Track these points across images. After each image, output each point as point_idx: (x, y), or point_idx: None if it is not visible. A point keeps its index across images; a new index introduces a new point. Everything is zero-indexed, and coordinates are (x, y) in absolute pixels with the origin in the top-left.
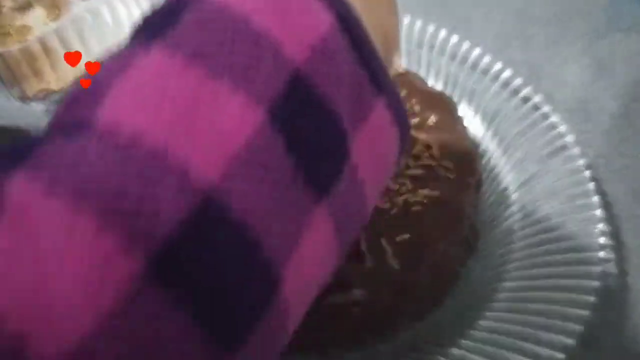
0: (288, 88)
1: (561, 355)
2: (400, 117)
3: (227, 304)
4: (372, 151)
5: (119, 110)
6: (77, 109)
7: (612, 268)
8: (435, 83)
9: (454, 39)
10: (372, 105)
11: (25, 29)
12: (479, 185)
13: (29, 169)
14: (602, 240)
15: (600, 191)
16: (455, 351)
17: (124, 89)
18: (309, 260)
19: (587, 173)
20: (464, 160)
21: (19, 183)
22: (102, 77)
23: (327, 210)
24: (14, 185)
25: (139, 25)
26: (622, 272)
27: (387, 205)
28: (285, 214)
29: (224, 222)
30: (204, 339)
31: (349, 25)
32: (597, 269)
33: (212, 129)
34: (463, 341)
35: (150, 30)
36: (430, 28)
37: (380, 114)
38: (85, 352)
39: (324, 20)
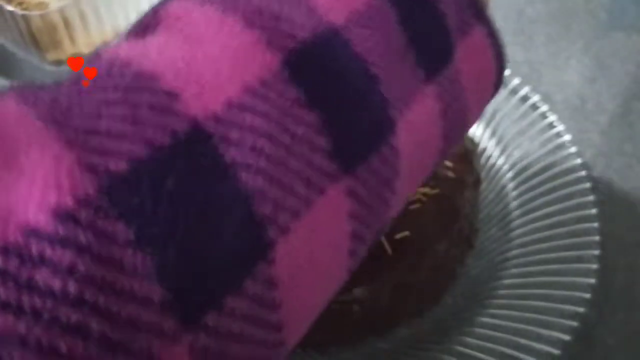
0: None
1: (557, 351)
2: (499, 49)
3: (349, 120)
4: (471, 66)
5: None
6: None
7: (607, 265)
8: None
9: None
10: (472, 25)
11: (42, 5)
12: (477, 183)
13: None
14: (598, 238)
15: (598, 190)
16: (453, 347)
17: None
18: (418, 127)
19: (584, 172)
20: (463, 159)
21: (173, 3)
22: None
23: (435, 91)
24: (170, 5)
25: None
26: (618, 269)
27: None
28: (400, 74)
29: (347, 51)
30: (328, 149)
31: None
32: (593, 266)
33: None
34: (461, 338)
35: None
36: None
37: (479, 37)
38: (224, 117)
39: None
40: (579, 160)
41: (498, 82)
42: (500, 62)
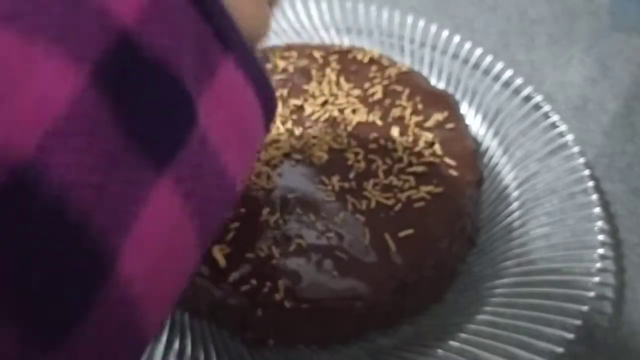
0: (115, 49)
1: (560, 349)
2: (258, 79)
3: (49, 299)
4: (225, 114)
5: None
6: None
7: (610, 265)
8: (437, 82)
9: (457, 38)
10: (219, 62)
11: None
12: (480, 182)
13: None
14: (600, 237)
15: (600, 190)
16: (455, 345)
17: None
18: (154, 239)
19: (587, 172)
20: (466, 158)
21: None
22: None
23: (171, 182)
24: None
25: None
26: (621, 269)
27: (390, 202)
28: (118, 186)
29: (39, 193)
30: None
31: None
32: (596, 265)
33: (24, 97)
34: (463, 335)
35: None
36: (433, 28)
37: (230, 73)
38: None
39: None
40: (581, 160)
41: (266, 115)
42: (261, 89)
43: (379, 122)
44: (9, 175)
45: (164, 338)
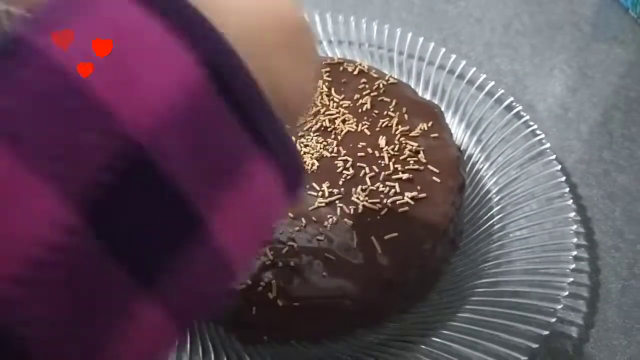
0: (119, 172)
1: (535, 345)
2: (288, 166)
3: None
4: (245, 217)
5: None
6: None
7: (585, 266)
8: (424, 93)
9: (443, 51)
10: (250, 169)
11: None
12: (462, 188)
13: None
14: (575, 240)
15: (577, 194)
16: (437, 341)
17: None
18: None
19: (564, 178)
20: (449, 165)
21: None
22: None
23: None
24: None
25: None
26: (596, 270)
27: (377, 207)
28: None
29: None
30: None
31: (225, 78)
32: (570, 266)
33: (14, 224)
34: (445, 332)
35: None
36: (421, 40)
37: (259, 172)
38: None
39: (185, 78)
40: (559, 167)
41: (292, 195)
42: (292, 181)
43: (367, 132)
44: None
45: None
